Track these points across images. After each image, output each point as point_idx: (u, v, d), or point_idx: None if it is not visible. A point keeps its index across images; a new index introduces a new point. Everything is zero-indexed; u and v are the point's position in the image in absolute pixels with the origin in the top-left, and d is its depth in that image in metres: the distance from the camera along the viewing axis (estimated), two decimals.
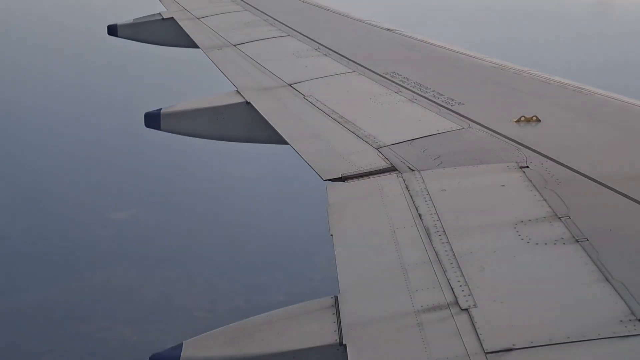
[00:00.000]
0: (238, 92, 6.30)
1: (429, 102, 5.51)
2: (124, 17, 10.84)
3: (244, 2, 10.65)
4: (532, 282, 3.09)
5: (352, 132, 5.07)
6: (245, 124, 6.09)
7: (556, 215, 3.50)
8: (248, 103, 6.03)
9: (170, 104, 6.48)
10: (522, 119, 4.88)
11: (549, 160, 4.16)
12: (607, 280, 2.91)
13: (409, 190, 4.02)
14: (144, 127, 6.41)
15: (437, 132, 4.86)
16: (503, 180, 4.01)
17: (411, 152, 4.59)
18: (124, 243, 31.85)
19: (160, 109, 6.33)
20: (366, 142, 4.86)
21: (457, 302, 2.91)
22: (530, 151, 4.33)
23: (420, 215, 3.70)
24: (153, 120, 6.31)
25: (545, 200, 3.66)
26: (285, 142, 5.22)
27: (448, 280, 3.08)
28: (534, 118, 4.88)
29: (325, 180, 4.40)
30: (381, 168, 4.42)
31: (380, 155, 4.60)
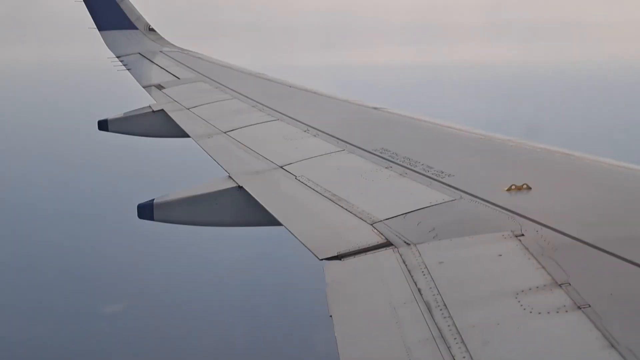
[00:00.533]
0: (230, 177, 6.35)
1: (420, 175, 5.55)
2: (106, 113, 11.03)
3: (232, 90, 10.87)
4: (537, 353, 3.02)
5: (346, 209, 5.08)
6: (238, 208, 6.10)
7: (556, 282, 3.46)
8: (240, 187, 6.06)
9: (162, 194, 6.49)
10: (513, 187, 4.90)
11: (543, 228, 4.15)
12: (613, 346, 2.86)
13: (406, 265, 3.99)
14: (138, 218, 6.41)
15: (430, 205, 4.87)
16: (500, 249, 3.99)
17: (406, 226, 4.59)
18: (121, 335, 31.32)
19: (153, 200, 6.35)
20: (360, 218, 4.86)
21: None
22: (524, 219, 4.33)
23: (419, 290, 3.66)
24: (146, 211, 6.31)
25: (543, 267, 3.63)
26: (279, 224, 5.22)
27: (453, 357, 3.01)
28: (525, 186, 4.91)
29: (322, 259, 4.37)
30: (377, 244, 4.40)
31: (375, 230, 4.59)
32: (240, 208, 6.06)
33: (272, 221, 5.38)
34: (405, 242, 4.32)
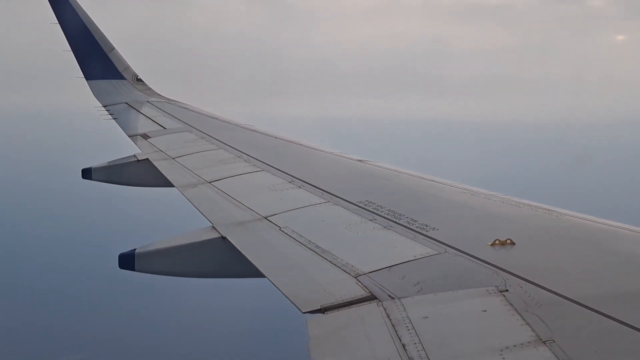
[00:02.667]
0: (214, 227, 6.30)
1: (404, 228, 5.54)
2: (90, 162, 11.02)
3: (218, 140, 10.89)
4: None
5: (330, 262, 5.04)
6: (221, 259, 6.04)
7: (540, 339, 3.43)
8: (224, 238, 6.01)
9: (145, 244, 6.42)
10: (497, 242, 4.90)
11: (527, 283, 4.14)
12: None
13: (390, 320, 3.94)
14: (118, 268, 6.33)
15: (414, 258, 4.85)
16: (484, 305, 3.96)
17: (390, 279, 4.55)
18: None
19: (135, 250, 6.27)
20: (344, 271, 4.82)
21: None
22: (508, 274, 4.31)
23: (404, 345, 3.61)
24: (127, 261, 6.23)
25: (528, 324, 3.61)
26: (262, 276, 5.16)
27: None
28: (509, 241, 4.91)
29: (305, 312, 4.31)
30: (361, 297, 4.35)
31: (359, 283, 4.55)
32: (223, 259, 6.00)
33: (255, 273, 5.32)
34: (389, 295, 4.28)
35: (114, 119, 14.65)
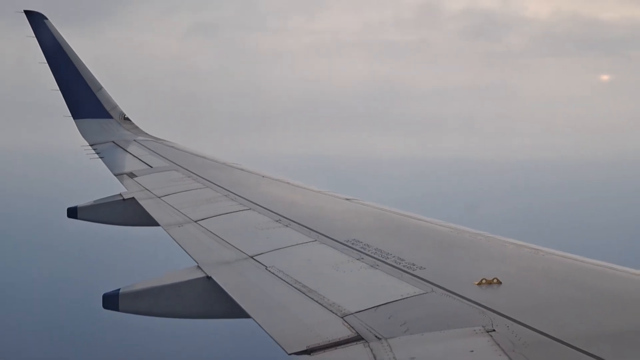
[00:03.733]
0: (199, 267, 6.25)
1: (391, 267, 5.52)
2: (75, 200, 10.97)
3: (205, 179, 10.88)
4: None
5: (316, 302, 5.00)
6: (206, 299, 5.97)
7: None
8: (209, 277, 5.95)
9: (129, 284, 6.35)
10: (484, 281, 4.89)
11: (514, 323, 4.12)
12: None
13: None
14: (102, 308, 6.24)
15: (401, 298, 4.82)
16: (471, 345, 3.94)
17: (377, 319, 4.52)
18: None
19: (119, 290, 6.20)
20: (331, 311, 4.78)
21: None
22: (495, 314, 4.30)
23: None
24: (111, 301, 6.15)
25: None
26: (248, 316, 5.10)
27: None
28: (495, 280, 4.90)
29: (290, 354, 4.26)
30: (347, 337, 4.31)
31: (346, 324, 4.51)
32: (209, 299, 5.94)
33: (241, 313, 5.26)
34: (376, 336, 4.24)
35: (100, 157, 14.63)
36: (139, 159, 13.74)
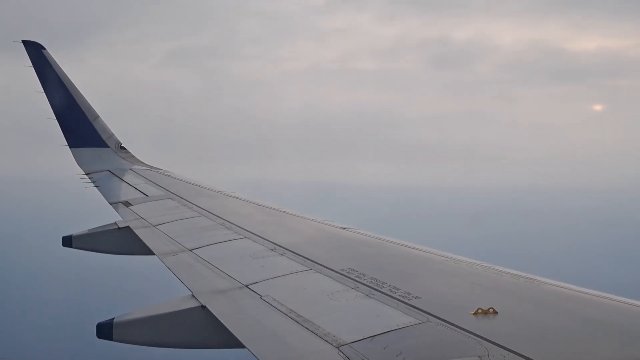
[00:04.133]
0: (193, 296, 6.22)
1: (386, 296, 5.50)
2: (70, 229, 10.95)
3: (200, 208, 10.87)
4: None
5: (311, 331, 4.97)
6: (201, 328, 5.93)
7: None
8: (204, 307, 5.92)
9: (124, 313, 6.32)
10: (480, 311, 4.88)
11: (510, 353, 4.11)
12: None
13: None
14: (96, 338, 6.20)
15: (397, 328, 4.80)
16: None
17: (372, 349, 4.49)
18: None
19: (113, 319, 6.16)
20: (326, 340, 4.75)
21: None
22: (490, 344, 4.28)
23: None
24: (105, 330, 6.11)
25: None
26: (242, 346, 5.07)
27: None
28: (491, 310, 4.89)
29: None
30: None
31: (341, 354, 4.48)
32: (203, 329, 5.90)
33: (236, 343, 5.23)
34: None
35: (96, 186, 14.63)
36: (135, 188, 13.74)
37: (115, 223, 10.55)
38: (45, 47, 16.54)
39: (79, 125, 17.14)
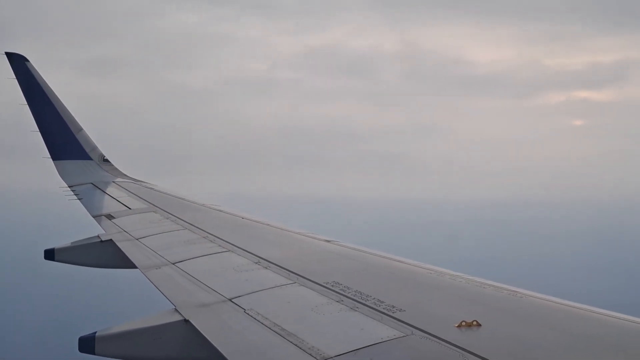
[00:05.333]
0: (176, 310, 6.17)
1: (371, 309, 5.49)
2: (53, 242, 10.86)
3: (184, 221, 10.82)
4: None
5: (295, 345, 4.95)
6: (184, 342, 5.88)
7: None
8: (187, 321, 5.88)
9: (106, 327, 6.26)
10: (463, 324, 4.89)
11: None
12: None
13: None
14: (78, 352, 6.14)
15: (381, 341, 4.79)
16: None
17: None
18: None
19: (95, 333, 6.10)
20: (310, 354, 4.74)
21: None
22: (474, 357, 4.29)
23: None
24: (87, 344, 6.05)
25: None
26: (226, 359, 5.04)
27: None
28: (475, 323, 4.90)
29: None
30: None
31: None
32: (186, 343, 5.86)
33: (219, 357, 5.20)
34: None
35: (79, 199, 14.54)
36: (118, 201, 13.67)
37: (98, 236, 10.48)
38: None
39: (62, 138, 17.06)
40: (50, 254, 10.54)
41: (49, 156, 17.01)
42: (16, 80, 16.47)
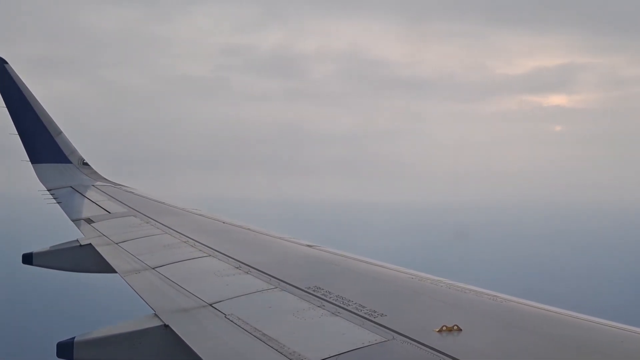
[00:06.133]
0: (156, 315, 6.13)
1: (352, 314, 5.49)
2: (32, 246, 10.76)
3: (164, 225, 10.76)
4: None
5: (276, 350, 4.93)
6: (164, 348, 5.84)
7: None
8: (166, 326, 5.84)
9: (85, 332, 6.20)
10: (444, 328, 4.90)
11: None
12: None
13: None
14: (56, 358, 6.07)
15: (362, 346, 4.79)
16: None
17: None
18: None
19: (74, 338, 6.04)
20: (291, 359, 4.72)
21: None
22: None
23: None
24: (65, 350, 5.98)
25: None
26: None
27: None
28: (456, 327, 4.91)
29: None
30: None
31: None
32: (166, 348, 5.81)
33: None
34: None
35: (58, 202, 14.41)
36: (97, 205, 13.57)
37: (77, 240, 10.39)
38: None
39: (41, 141, 16.92)
40: (28, 259, 10.42)
41: (28, 159, 16.86)
42: None
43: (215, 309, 6.11)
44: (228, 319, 5.79)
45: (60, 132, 17.32)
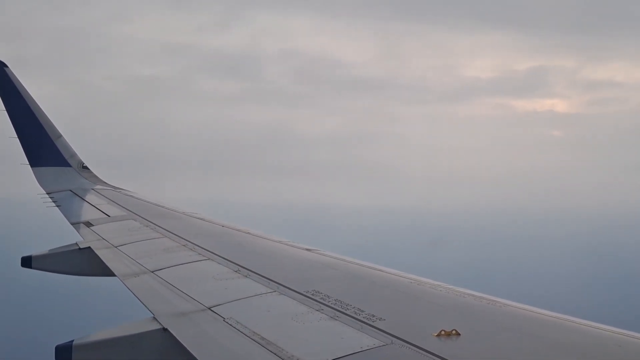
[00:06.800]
0: (155, 318, 6.13)
1: (351, 318, 5.49)
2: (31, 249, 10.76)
3: (163, 229, 10.77)
4: None
5: (275, 354, 4.93)
6: (162, 351, 5.84)
7: None
8: (165, 329, 5.84)
9: (83, 335, 6.20)
10: (443, 333, 4.90)
11: None
12: None
13: None
14: None
15: (360, 350, 4.79)
16: None
17: None
18: None
19: (73, 341, 6.04)
20: None
21: None
22: None
23: None
24: (64, 353, 5.98)
25: None
26: None
27: None
28: (454, 332, 4.91)
29: None
30: None
31: None
32: (165, 352, 5.81)
33: None
34: None
35: (57, 206, 14.42)
36: (97, 208, 13.57)
37: (76, 244, 10.39)
38: None
39: (41, 144, 16.94)
40: (27, 262, 10.43)
41: (27, 163, 16.87)
42: None
43: (214, 312, 6.11)
44: (227, 322, 5.79)
45: (60, 136, 17.35)
